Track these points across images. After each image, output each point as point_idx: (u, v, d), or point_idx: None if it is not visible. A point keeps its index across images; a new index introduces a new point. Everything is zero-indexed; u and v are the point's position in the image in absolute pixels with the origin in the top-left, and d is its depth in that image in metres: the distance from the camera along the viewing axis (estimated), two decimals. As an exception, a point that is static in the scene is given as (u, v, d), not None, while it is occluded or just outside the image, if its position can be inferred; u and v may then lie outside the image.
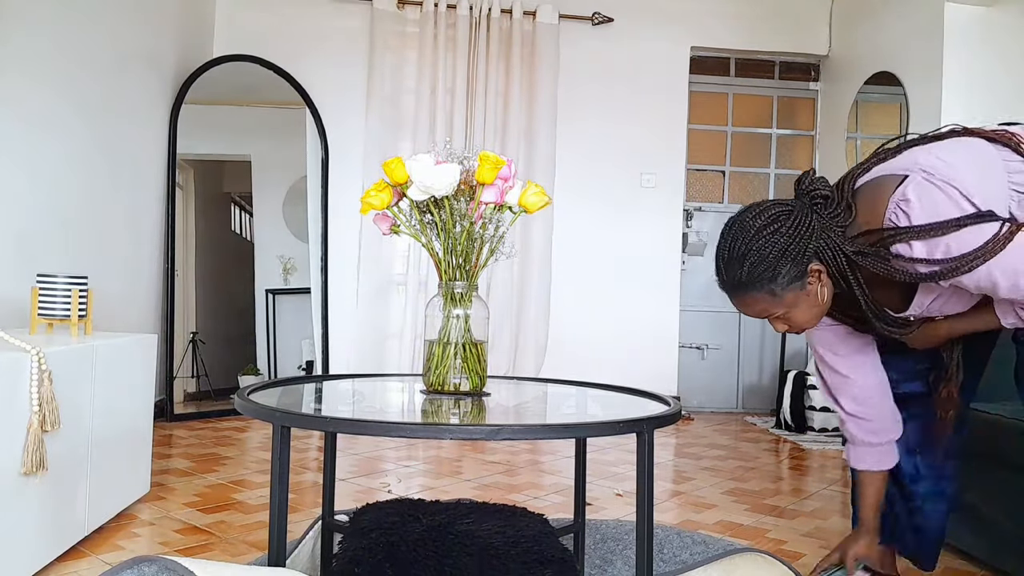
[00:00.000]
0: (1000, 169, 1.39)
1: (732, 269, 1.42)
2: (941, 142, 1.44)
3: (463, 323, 1.57)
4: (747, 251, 1.39)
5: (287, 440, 1.34)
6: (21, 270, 2.61)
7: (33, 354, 1.73)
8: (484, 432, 1.27)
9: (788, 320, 1.46)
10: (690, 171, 5.08)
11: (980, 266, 1.28)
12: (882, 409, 1.69)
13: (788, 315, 1.44)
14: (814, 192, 1.42)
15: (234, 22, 4.60)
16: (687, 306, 5.03)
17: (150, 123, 3.85)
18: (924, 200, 1.31)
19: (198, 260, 4.36)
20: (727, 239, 1.44)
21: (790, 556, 2.17)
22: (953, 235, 1.28)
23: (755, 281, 1.40)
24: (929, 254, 1.31)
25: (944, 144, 1.43)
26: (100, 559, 1.95)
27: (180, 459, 3.09)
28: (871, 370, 1.69)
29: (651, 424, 1.35)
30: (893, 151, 1.46)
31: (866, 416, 1.69)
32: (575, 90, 4.80)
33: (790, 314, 1.44)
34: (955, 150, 1.40)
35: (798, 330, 1.49)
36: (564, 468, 3.18)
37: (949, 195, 1.30)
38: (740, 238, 1.41)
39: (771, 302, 1.42)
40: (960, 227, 1.28)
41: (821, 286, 1.43)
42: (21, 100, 2.64)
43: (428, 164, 1.50)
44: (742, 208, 1.46)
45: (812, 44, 5.05)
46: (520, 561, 1.47)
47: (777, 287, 1.39)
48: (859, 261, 1.38)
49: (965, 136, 1.44)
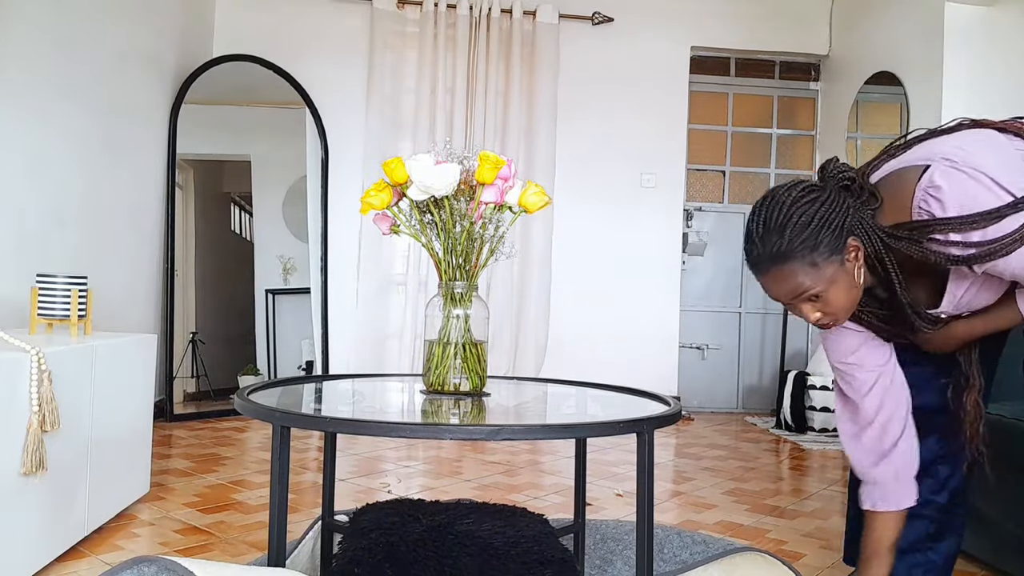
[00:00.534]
0: (1014, 155, 1.36)
1: (769, 239, 1.35)
2: (954, 133, 1.42)
3: (463, 323, 1.57)
4: (786, 221, 1.34)
5: (287, 440, 1.34)
6: (21, 270, 2.60)
7: (33, 354, 1.73)
8: (484, 432, 1.27)
9: (824, 301, 1.37)
10: (690, 171, 5.08)
11: (1018, 248, 1.24)
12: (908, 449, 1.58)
13: (826, 294, 1.36)
14: (840, 176, 1.39)
15: (234, 22, 4.60)
16: (687, 306, 5.02)
17: (150, 123, 3.85)
18: (954, 186, 1.28)
19: (198, 260, 4.36)
20: (763, 211, 1.38)
21: (790, 556, 2.17)
22: (994, 225, 1.25)
23: (795, 251, 1.33)
24: (965, 237, 1.27)
25: (958, 134, 1.41)
26: (100, 559, 1.95)
27: (180, 459, 3.09)
28: (896, 396, 1.58)
29: (651, 424, 1.35)
30: (903, 147, 1.43)
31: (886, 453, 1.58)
32: (575, 90, 4.80)
33: (828, 293, 1.35)
34: (971, 138, 1.38)
35: (831, 318, 1.40)
36: (564, 468, 3.18)
37: (978, 180, 1.27)
38: (777, 208, 1.36)
39: (810, 275, 1.34)
40: (1000, 218, 1.25)
41: (859, 266, 1.37)
42: (21, 100, 2.64)
43: (428, 164, 1.50)
44: (771, 188, 1.43)
45: (812, 44, 5.05)
46: (520, 561, 1.47)
47: (818, 257, 1.32)
48: (892, 244, 1.34)
49: (975, 127, 1.42)
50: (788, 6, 5.00)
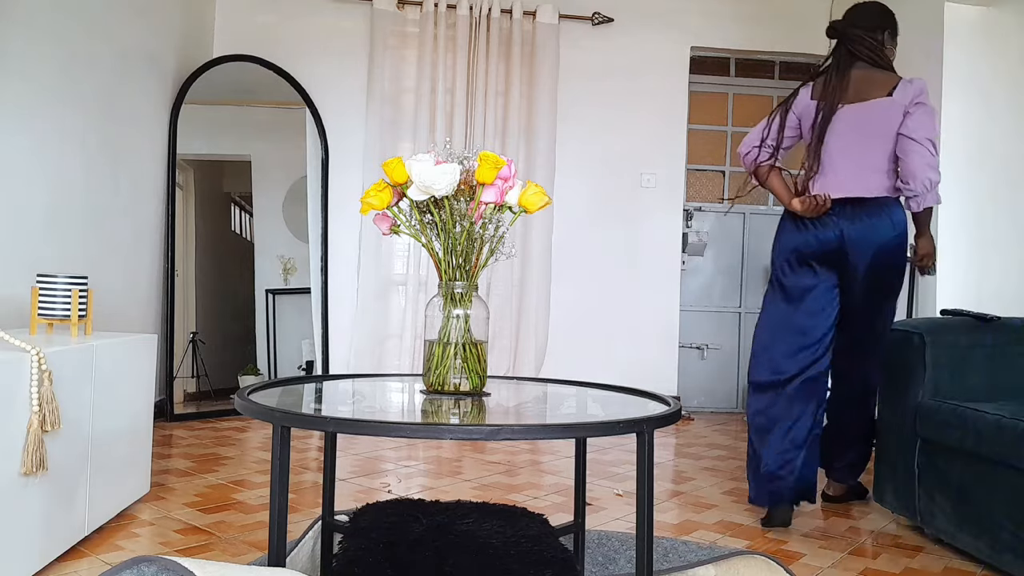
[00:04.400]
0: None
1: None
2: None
3: (463, 323, 1.57)
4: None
5: (287, 440, 1.34)
6: (21, 270, 2.61)
7: (33, 354, 1.73)
8: (484, 432, 1.27)
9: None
10: (690, 171, 5.08)
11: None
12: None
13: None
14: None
15: (234, 22, 4.60)
16: (687, 306, 5.03)
17: (150, 123, 3.85)
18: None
19: (198, 260, 4.36)
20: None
21: (790, 556, 2.17)
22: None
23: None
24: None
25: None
26: (100, 559, 1.95)
27: (180, 459, 3.09)
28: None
29: (651, 424, 1.35)
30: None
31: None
32: (575, 90, 4.80)
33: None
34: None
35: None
36: (564, 468, 3.18)
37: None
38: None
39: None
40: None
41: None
42: (21, 100, 2.64)
43: (428, 164, 1.50)
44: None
45: (812, 44, 5.03)
46: (520, 561, 1.47)
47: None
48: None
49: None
50: (788, 6, 5.00)
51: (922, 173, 2.37)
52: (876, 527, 2.50)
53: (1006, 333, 2.44)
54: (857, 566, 2.11)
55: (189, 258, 4.30)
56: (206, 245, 4.44)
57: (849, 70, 2.54)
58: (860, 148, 2.47)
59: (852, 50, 2.56)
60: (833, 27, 2.61)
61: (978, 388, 2.34)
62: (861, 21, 2.60)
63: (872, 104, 2.49)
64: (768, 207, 5.11)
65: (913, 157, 2.38)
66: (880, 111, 2.47)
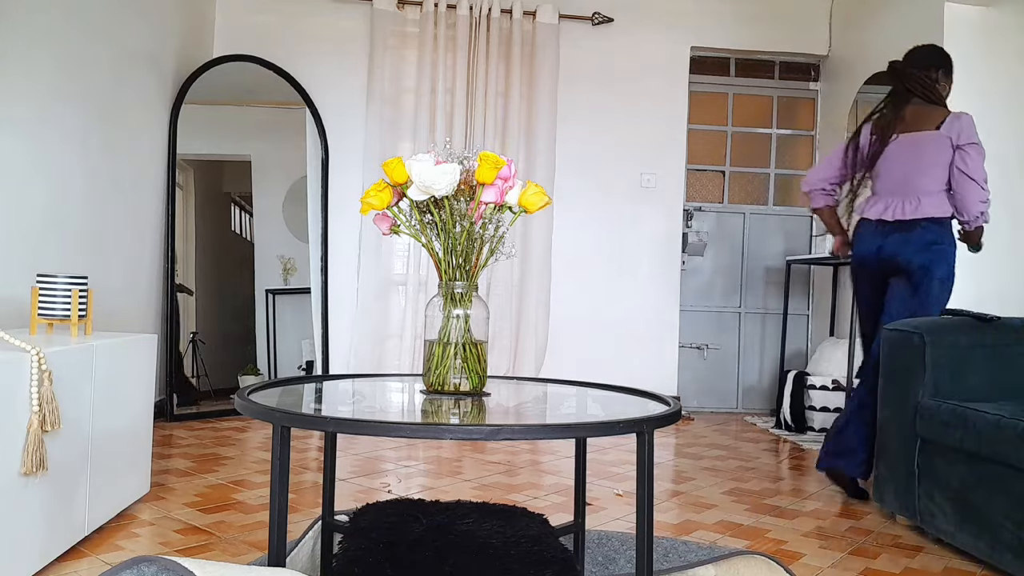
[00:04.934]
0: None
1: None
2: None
3: (463, 323, 1.57)
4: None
5: (287, 440, 1.34)
6: (21, 270, 2.61)
7: (33, 354, 1.73)
8: (484, 432, 1.27)
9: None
10: (690, 171, 5.09)
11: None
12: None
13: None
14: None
15: (234, 22, 4.60)
16: (687, 306, 5.03)
17: (150, 123, 3.85)
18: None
19: (198, 260, 4.36)
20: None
21: (790, 556, 2.17)
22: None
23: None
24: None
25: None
26: (100, 559, 1.95)
27: (180, 459, 3.09)
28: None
29: (651, 424, 1.35)
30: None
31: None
32: (575, 90, 4.80)
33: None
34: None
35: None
36: (564, 468, 3.18)
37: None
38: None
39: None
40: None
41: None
42: (21, 99, 2.64)
43: (428, 164, 1.50)
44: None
45: (812, 44, 5.05)
46: (520, 561, 1.47)
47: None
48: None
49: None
50: (788, 6, 5.00)
51: (975, 208, 2.75)
52: (876, 527, 2.50)
53: (1006, 333, 2.44)
54: (857, 566, 2.11)
55: (189, 258, 4.30)
56: (206, 245, 4.44)
57: (905, 105, 2.88)
58: (910, 174, 2.84)
59: (908, 87, 2.88)
60: (893, 67, 2.92)
61: (978, 388, 2.35)
62: (917, 61, 2.93)
63: (921, 136, 2.82)
64: (768, 207, 5.12)
65: (968, 194, 2.75)
66: (928, 143, 2.80)
